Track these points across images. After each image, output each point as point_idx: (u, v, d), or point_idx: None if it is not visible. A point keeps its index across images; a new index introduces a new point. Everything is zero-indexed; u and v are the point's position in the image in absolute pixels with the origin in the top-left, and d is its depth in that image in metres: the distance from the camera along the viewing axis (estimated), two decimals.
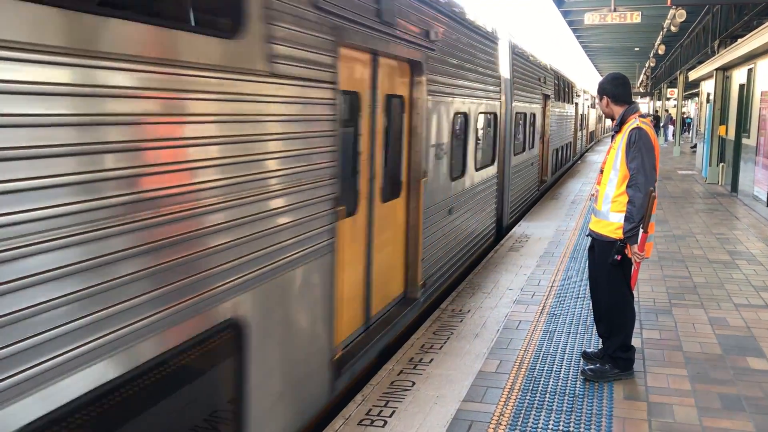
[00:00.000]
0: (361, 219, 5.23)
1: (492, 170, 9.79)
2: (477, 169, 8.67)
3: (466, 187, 8.19)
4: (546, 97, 15.86)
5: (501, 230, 11.05)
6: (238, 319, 3.31)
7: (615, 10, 18.02)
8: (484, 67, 8.82)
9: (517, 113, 11.84)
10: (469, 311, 6.72)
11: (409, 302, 6.32)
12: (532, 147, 13.98)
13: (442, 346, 5.73)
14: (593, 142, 39.90)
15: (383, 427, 4.31)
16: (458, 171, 7.80)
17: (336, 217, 4.41)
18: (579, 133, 27.10)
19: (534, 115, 13.85)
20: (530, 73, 13.29)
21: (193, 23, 3.10)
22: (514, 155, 11.97)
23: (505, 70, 10.73)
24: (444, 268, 7.40)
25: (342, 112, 4.59)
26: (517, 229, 11.27)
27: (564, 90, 19.84)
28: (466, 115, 7.98)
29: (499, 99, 9.99)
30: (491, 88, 9.33)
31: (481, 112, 8.77)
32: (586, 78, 46.29)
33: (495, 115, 9.86)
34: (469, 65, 7.94)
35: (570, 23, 25.87)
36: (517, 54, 11.77)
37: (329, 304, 4.40)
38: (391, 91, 5.74)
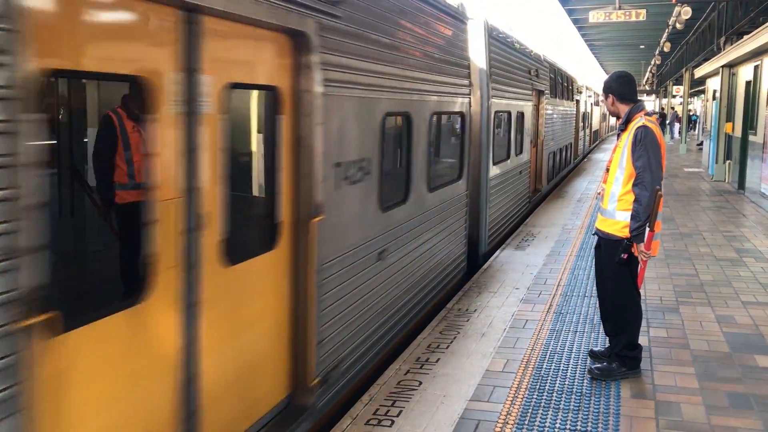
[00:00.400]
0: (158, 308, 3.03)
1: (458, 188, 7.66)
2: (431, 190, 6.58)
3: (412, 215, 6.05)
4: (539, 93, 13.98)
5: (476, 259, 8.96)
6: None
7: (620, 8, 17.98)
8: (441, 51, 6.76)
9: (497, 112, 9.70)
10: (475, 310, 6.72)
11: (295, 414, 4.17)
12: (521, 152, 11.89)
13: (448, 346, 5.74)
14: (597, 142, 38.60)
15: (390, 426, 4.32)
16: (394, 197, 5.72)
17: (24, 338, 2.27)
18: (581, 133, 25.33)
19: (522, 114, 11.70)
20: (516, 63, 11.27)
21: None
22: (495, 164, 9.75)
23: (478, 58, 8.91)
24: (367, 344, 5.16)
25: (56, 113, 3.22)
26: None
27: (563, 86, 18.04)
28: (407, 117, 5.92)
29: (469, 95, 7.86)
30: (454, 80, 7.22)
31: (436, 113, 6.72)
32: (590, 75, 46.00)
33: (462, 115, 7.78)
34: (410, 45, 5.82)
35: (575, 21, 25.80)
36: (496, 39, 9.77)
37: None
38: (242, 77, 3.71)
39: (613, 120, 49.80)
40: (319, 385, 4.29)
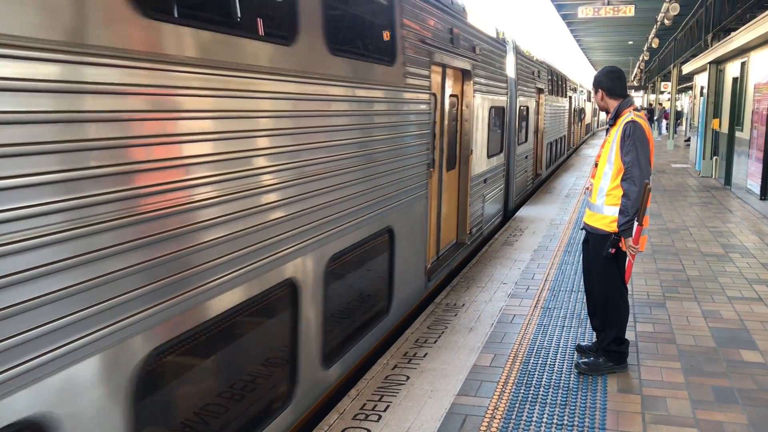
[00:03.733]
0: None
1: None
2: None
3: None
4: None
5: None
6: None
7: (608, 4, 18.01)
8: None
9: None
10: (463, 305, 6.72)
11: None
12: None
13: (436, 341, 5.73)
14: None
15: (377, 421, 4.31)
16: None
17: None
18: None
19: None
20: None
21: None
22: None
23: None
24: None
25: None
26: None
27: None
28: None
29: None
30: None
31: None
32: (580, 72, 46.26)
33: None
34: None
35: (564, 17, 25.84)
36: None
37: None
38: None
39: (603, 115, 50.26)
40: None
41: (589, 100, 36.29)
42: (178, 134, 2.77)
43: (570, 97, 24.34)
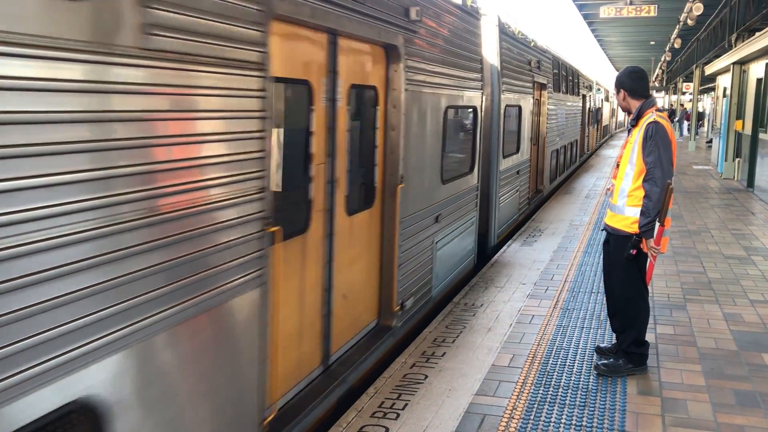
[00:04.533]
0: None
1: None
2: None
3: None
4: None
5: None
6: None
7: (631, 3, 17.87)
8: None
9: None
10: (482, 305, 6.71)
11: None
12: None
13: (454, 340, 5.73)
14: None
15: (396, 419, 4.32)
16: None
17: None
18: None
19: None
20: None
21: None
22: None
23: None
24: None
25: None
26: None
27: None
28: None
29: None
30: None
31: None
32: (598, 70, 45.64)
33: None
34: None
35: (585, 16, 25.65)
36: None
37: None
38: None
39: (621, 116, 49.72)
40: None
41: (607, 99, 33.96)
42: None
43: (584, 96, 21.29)
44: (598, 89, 28.24)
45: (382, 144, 5.28)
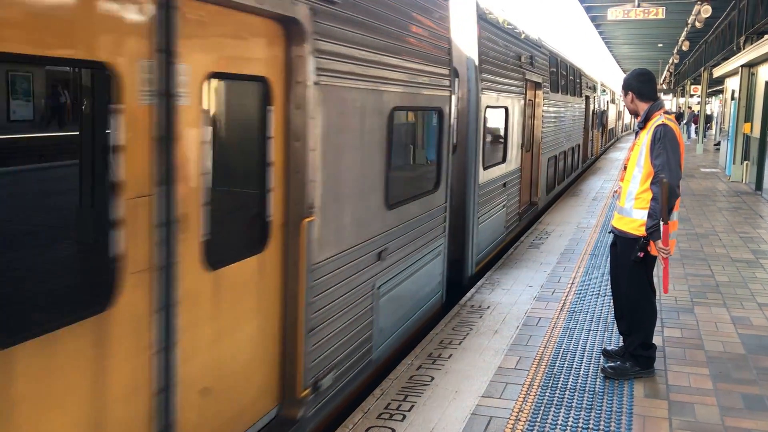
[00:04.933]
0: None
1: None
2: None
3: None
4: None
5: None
6: None
7: (638, 6, 17.83)
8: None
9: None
10: (488, 307, 6.71)
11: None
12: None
13: (461, 342, 5.73)
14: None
15: (402, 421, 4.32)
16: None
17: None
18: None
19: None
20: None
21: None
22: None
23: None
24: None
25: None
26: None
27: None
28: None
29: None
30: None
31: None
32: (605, 71, 45.05)
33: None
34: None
35: (593, 18, 25.62)
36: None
37: None
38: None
39: (627, 119, 49.49)
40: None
41: (613, 101, 32.57)
42: None
43: (587, 97, 19.80)
44: (604, 90, 26.97)
45: (281, 161, 3.74)
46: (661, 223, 4.63)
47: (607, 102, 29.01)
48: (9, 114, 2.40)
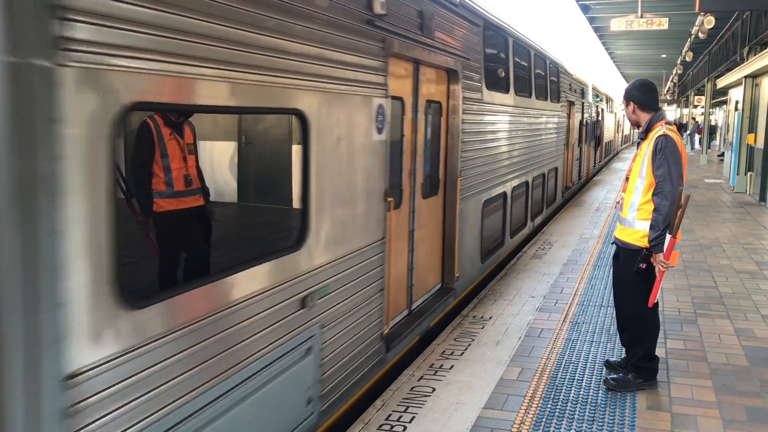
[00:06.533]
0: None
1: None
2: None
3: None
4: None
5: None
6: None
7: (642, 17, 17.86)
8: None
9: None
10: (490, 318, 6.68)
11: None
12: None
13: (462, 353, 5.71)
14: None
15: None
16: None
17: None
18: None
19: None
20: None
21: None
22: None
23: None
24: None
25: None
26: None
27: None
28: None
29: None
30: None
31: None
32: (598, 72, 43.57)
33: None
34: None
35: (596, 29, 25.68)
36: None
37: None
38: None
39: (627, 129, 49.16)
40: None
41: (610, 111, 28.86)
42: None
43: (571, 103, 15.48)
44: (597, 96, 22.49)
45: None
46: (668, 236, 4.60)
47: (602, 110, 24.33)
48: None
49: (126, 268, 2.66)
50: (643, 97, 5.01)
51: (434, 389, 4.95)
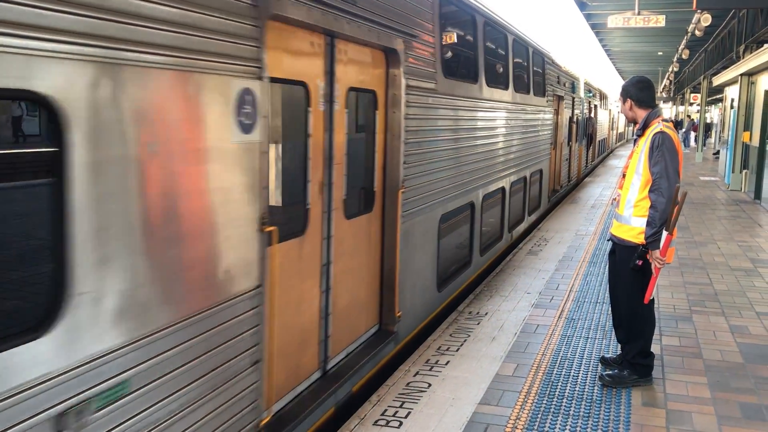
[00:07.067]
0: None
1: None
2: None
3: None
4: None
5: None
6: None
7: (639, 14, 17.86)
8: None
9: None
10: (486, 314, 6.69)
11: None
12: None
13: (458, 349, 5.71)
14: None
15: (398, 427, 4.30)
16: None
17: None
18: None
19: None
20: None
21: None
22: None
23: None
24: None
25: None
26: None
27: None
28: None
29: None
30: None
31: None
32: (595, 71, 43.08)
33: None
34: None
35: (593, 26, 25.69)
36: None
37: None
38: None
39: (622, 126, 49.08)
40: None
41: (605, 107, 27.51)
42: None
43: (559, 98, 14.42)
44: (590, 92, 21.41)
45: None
46: (665, 232, 4.61)
47: (595, 106, 23.25)
48: None
49: None
50: (640, 94, 5.02)
51: (430, 385, 4.96)
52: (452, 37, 6.80)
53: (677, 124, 36.63)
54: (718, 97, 32.75)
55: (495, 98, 8.51)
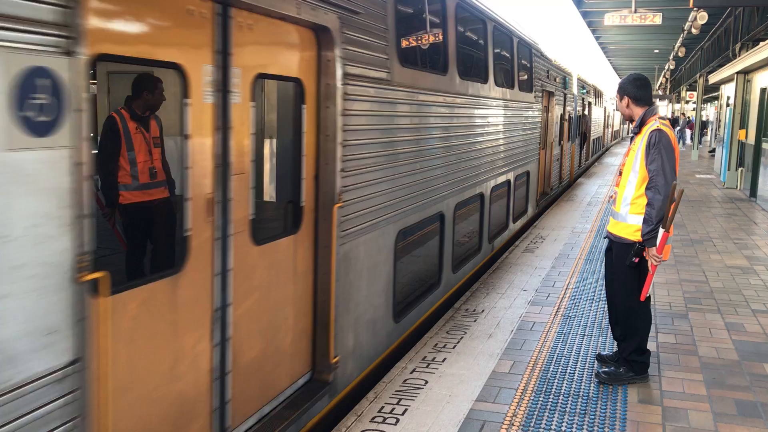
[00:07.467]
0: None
1: None
2: None
3: None
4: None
5: None
6: None
7: (635, 11, 17.87)
8: None
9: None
10: (483, 311, 6.70)
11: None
12: None
13: (455, 346, 5.72)
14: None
15: (395, 425, 4.31)
16: None
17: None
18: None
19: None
20: None
21: None
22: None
23: None
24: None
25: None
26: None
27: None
28: None
29: None
30: None
31: None
32: (589, 67, 43.55)
33: None
34: None
35: (589, 24, 25.69)
36: None
37: None
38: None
39: (617, 124, 48.99)
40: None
41: (599, 104, 26.60)
42: None
43: (549, 94, 13.69)
44: (584, 88, 20.50)
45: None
46: (661, 230, 4.62)
47: (590, 103, 22.10)
48: None
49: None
50: (637, 91, 5.02)
51: (427, 382, 4.96)
52: (412, 18, 5.73)
53: (673, 122, 36.66)
54: (714, 95, 32.81)
55: (470, 93, 7.44)
